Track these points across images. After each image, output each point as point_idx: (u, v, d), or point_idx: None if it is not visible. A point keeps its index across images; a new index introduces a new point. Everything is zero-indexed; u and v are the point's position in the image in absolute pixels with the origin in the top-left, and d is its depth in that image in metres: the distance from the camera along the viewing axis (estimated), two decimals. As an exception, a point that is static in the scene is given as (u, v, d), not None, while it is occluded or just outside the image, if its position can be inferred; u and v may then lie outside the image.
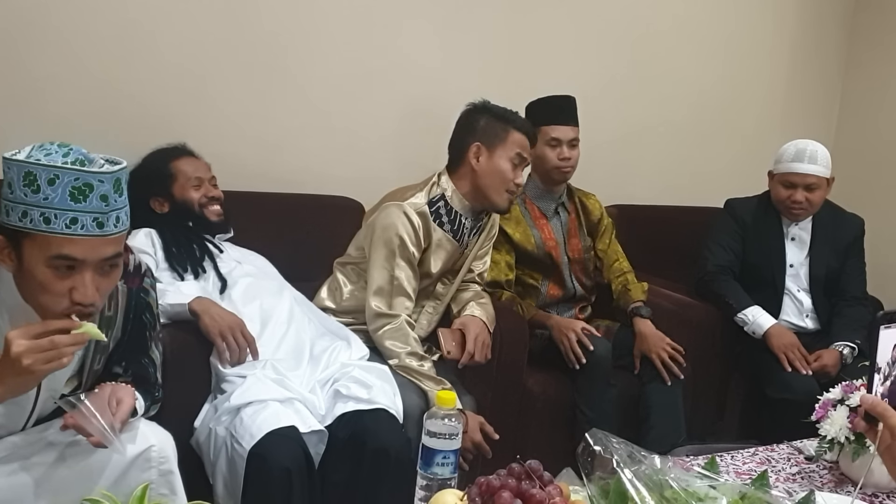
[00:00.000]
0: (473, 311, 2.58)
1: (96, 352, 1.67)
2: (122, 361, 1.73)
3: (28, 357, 1.36)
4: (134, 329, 1.72)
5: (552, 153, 2.90)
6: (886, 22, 4.15)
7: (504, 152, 2.51)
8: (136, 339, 1.74)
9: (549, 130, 2.90)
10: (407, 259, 2.46)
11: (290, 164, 3.01)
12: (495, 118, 2.53)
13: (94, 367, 1.69)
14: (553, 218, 3.03)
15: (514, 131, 2.52)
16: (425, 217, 2.49)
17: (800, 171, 3.02)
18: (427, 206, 2.50)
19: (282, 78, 2.97)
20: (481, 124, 2.53)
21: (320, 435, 2.09)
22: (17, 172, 1.40)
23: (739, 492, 1.31)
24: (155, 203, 2.49)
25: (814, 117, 4.27)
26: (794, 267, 3.16)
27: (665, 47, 3.77)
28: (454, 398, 1.42)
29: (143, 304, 1.73)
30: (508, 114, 2.56)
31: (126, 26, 2.68)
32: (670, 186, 3.82)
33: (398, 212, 2.45)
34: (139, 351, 1.76)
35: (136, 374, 1.74)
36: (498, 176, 2.51)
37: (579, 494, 1.32)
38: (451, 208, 2.54)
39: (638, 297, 3.01)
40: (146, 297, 1.74)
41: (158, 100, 2.75)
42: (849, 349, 2.97)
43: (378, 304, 2.44)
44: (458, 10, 3.25)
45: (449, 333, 2.49)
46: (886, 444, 1.25)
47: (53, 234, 1.40)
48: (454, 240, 2.56)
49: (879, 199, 3.94)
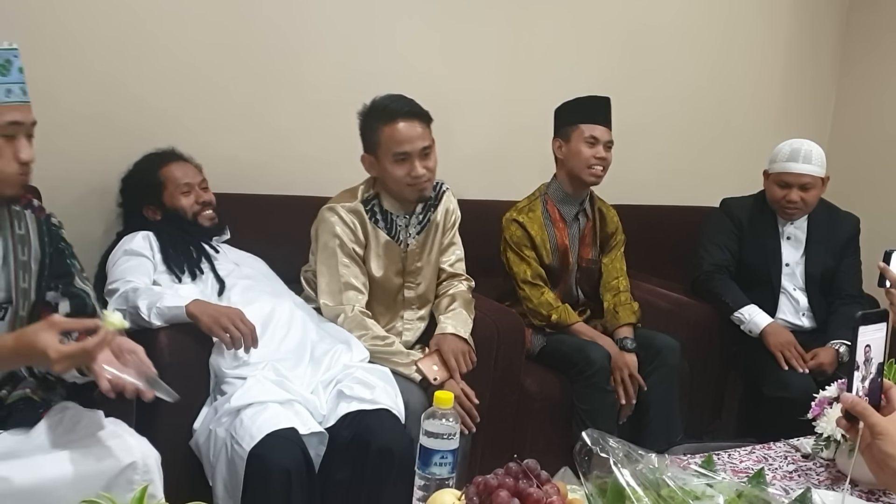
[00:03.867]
0: (443, 329, 2.53)
1: (17, 268, 1.74)
2: (54, 286, 1.81)
3: (61, 364, 1.47)
4: (54, 254, 1.81)
5: (589, 150, 2.87)
6: (881, 21, 4.17)
7: (386, 155, 2.44)
8: (60, 265, 1.82)
9: (587, 129, 2.88)
10: (349, 255, 2.47)
11: (288, 166, 3.01)
12: (371, 118, 2.46)
13: (21, 284, 1.75)
14: (572, 224, 3.00)
15: (384, 128, 2.42)
16: (360, 215, 2.50)
17: (795, 170, 3.04)
18: (361, 204, 2.51)
19: (280, 80, 2.97)
20: (365, 130, 2.49)
21: (320, 436, 2.10)
22: None
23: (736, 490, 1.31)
24: (148, 211, 2.50)
25: (809, 116, 4.28)
26: (790, 266, 3.18)
27: (660, 46, 3.78)
28: (451, 398, 1.43)
29: (57, 235, 1.84)
30: (382, 106, 2.44)
31: (125, 28, 2.68)
32: (666, 186, 3.83)
33: (331, 213, 2.49)
34: (66, 276, 1.84)
35: (70, 295, 1.82)
36: (391, 179, 2.47)
37: (577, 493, 1.32)
38: (383, 207, 2.54)
39: (627, 319, 2.95)
40: (58, 230, 1.85)
41: (156, 102, 2.75)
42: (845, 347, 2.97)
43: (327, 302, 2.47)
44: (456, 12, 3.26)
45: (427, 361, 2.44)
46: (867, 442, 1.26)
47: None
48: (390, 238, 2.56)
49: (874, 197, 3.95)
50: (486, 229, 2.95)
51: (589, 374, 2.72)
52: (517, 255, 2.90)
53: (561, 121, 2.95)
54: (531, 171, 3.14)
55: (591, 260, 3.05)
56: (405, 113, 2.42)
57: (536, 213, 2.93)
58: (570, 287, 3.02)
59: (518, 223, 2.91)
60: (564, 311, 2.88)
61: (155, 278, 2.35)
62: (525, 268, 2.89)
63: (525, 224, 2.90)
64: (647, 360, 2.87)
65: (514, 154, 3.41)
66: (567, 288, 3.01)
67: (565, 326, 2.87)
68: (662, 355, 2.87)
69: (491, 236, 2.98)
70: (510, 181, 3.26)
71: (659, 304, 3.17)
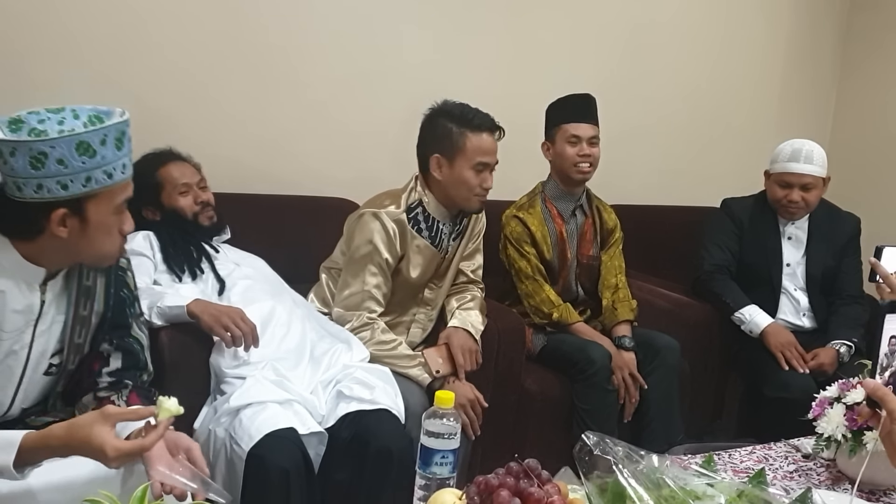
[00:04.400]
0: (454, 322, 2.58)
1: (76, 323, 1.70)
2: (108, 338, 1.76)
3: (118, 461, 1.39)
4: (115, 304, 1.76)
5: (572, 150, 2.89)
6: (882, 21, 4.17)
7: (465, 161, 2.47)
8: (118, 316, 1.77)
9: (568, 128, 2.90)
10: (379, 265, 2.47)
11: (288, 166, 3.01)
12: (452, 122, 2.48)
13: (76, 340, 1.71)
14: (570, 220, 3.02)
15: (471, 135, 2.47)
16: (402, 224, 2.50)
17: (796, 170, 3.03)
18: (405, 213, 2.51)
19: (280, 79, 2.98)
20: (440, 131, 2.49)
21: (320, 436, 2.10)
22: (66, 147, 1.47)
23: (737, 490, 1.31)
24: (147, 212, 2.49)
25: (809, 117, 4.28)
26: (791, 266, 3.17)
27: (660, 46, 3.78)
28: (452, 398, 1.43)
29: (122, 282, 1.78)
30: (466, 114, 2.48)
31: (124, 27, 2.68)
32: (666, 186, 3.83)
33: (374, 219, 2.47)
34: (122, 327, 1.79)
35: (123, 349, 1.77)
36: (463, 186, 2.50)
37: (577, 493, 1.32)
38: (429, 214, 2.55)
39: (625, 315, 2.96)
40: (124, 276, 1.79)
41: (156, 101, 2.75)
42: (845, 347, 2.98)
43: (341, 307, 2.48)
44: (455, 12, 3.26)
45: (434, 352, 2.48)
46: (888, 429, 1.25)
47: (116, 184, 1.55)
48: (432, 246, 2.57)
49: (875, 197, 3.95)
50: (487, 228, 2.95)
51: (590, 374, 2.72)
52: (517, 250, 2.91)
53: (547, 124, 2.98)
54: (529, 171, 3.14)
55: (592, 257, 3.05)
56: (490, 127, 2.48)
57: (536, 209, 2.95)
58: (570, 283, 3.03)
59: (518, 219, 2.93)
60: (566, 310, 2.88)
61: (155, 278, 2.35)
62: (525, 264, 2.90)
63: (525, 220, 2.91)
64: (647, 360, 2.87)
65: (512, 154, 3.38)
66: (567, 283, 3.02)
67: (566, 325, 2.87)
68: (662, 355, 2.88)
69: (489, 236, 2.98)
70: (509, 182, 3.24)
71: (659, 304, 3.17)
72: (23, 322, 1.61)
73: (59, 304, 1.67)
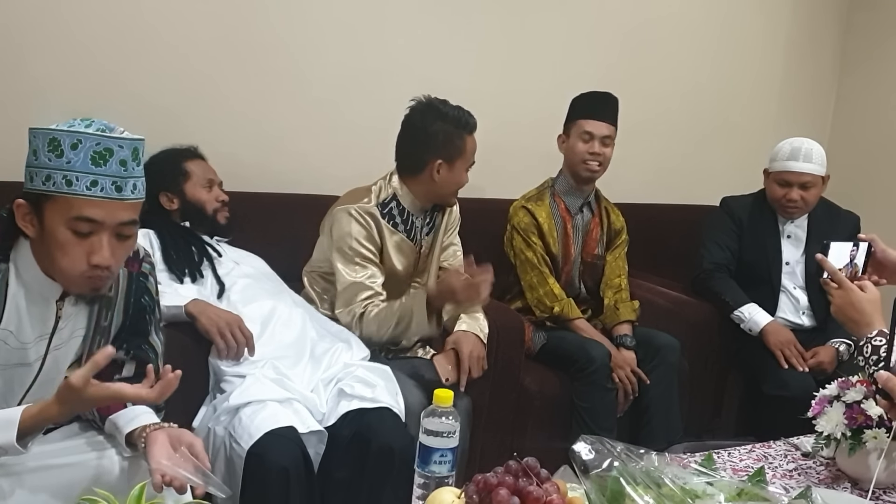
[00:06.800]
0: (461, 326, 2.58)
1: (96, 333, 1.68)
2: (124, 345, 1.74)
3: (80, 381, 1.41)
4: (135, 313, 1.74)
5: (583, 146, 2.89)
6: (881, 20, 4.16)
7: (463, 163, 2.54)
8: (137, 323, 1.75)
9: (583, 124, 2.90)
10: (365, 258, 2.48)
11: (288, 164, 3.01)
12: (450, 125, 2.50)
13: (94, 350, 1.69)
14: (576, 216, 3.02)
15: (467, 137, 2.52)
16: (375, 218, 2.51)
17: (795, 169, 3.03)
18: (378, 207, 2.52)
19: (280, 78, 2.97)
20: (440, 137, 2.50)
21: (319, 435, 2.10)
22: (42, 140, 1.48)
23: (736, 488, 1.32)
24: (164, 198, 2.48)
25: (809, 115, 4.28)
26: (790, 264, 3.17)
27: (659, 44, 3.78)
28: (451, 396, 1.43)
29: (143, 288, 1.76)
30: (460, 116, 2.52)
31: (125, 27, 2.68)
32: (665, 184, 3.83)
33: (347, 216, 2.49)
34: (140, 335, 1.77)
35: (138, 358, 1.75)
36: (456, 185, 2.58)
37: (577, 492, 1.32)
38: (404, 208, 2.56)
39: (627, 316, 2.97)
40: (145, 282, 1.76)
41: (156, 100, 2.74)
42: (845, 346, 2.99)
43: (341, 308, 2.48)
44: (454, 11, 3.26)
45: (444, 359, 2.51)
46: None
47: (75, 196, 1.46)
48: (408, 239, 2.58)
49: (875, 196, 3.95)
50: (484, 227, 2.96)
51: (589, 372, 2.72)
52: (525, 240, 2.92)
53: (567, 116, 2.98)
54: (530, 168, 3.15)
55: (597, 255, 3.06)
56: (475, 125, 2.55)
57: (545, 202, 2.96)
58: (573, 280, 3.03)
59: (527, 210, 2.94)
60: (568, 305, 2.89)
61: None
62: (532, 254, 2.91)
63: (534, 211, 2.93)
64: (647, 358, 2.87)
65: (512, 152, 3.40)
66: (570, 280, 3.02)
67: (567, 320, 2.87)
68: (662, 354, 2.88)
69: (490, 234, 2.98)
70: (509, 179, 3.25)
71: (659, 302, 3.17)
72: (37, 336, 1.60)
73: (77, 319, 1.65)
